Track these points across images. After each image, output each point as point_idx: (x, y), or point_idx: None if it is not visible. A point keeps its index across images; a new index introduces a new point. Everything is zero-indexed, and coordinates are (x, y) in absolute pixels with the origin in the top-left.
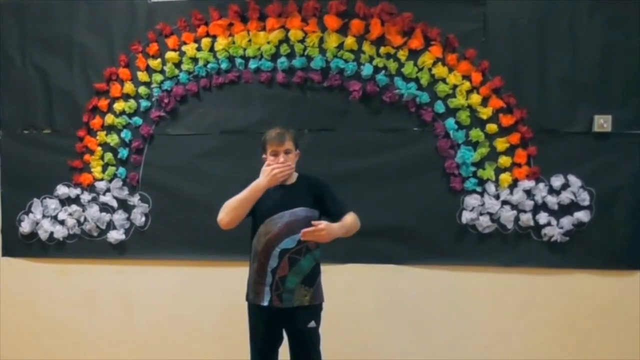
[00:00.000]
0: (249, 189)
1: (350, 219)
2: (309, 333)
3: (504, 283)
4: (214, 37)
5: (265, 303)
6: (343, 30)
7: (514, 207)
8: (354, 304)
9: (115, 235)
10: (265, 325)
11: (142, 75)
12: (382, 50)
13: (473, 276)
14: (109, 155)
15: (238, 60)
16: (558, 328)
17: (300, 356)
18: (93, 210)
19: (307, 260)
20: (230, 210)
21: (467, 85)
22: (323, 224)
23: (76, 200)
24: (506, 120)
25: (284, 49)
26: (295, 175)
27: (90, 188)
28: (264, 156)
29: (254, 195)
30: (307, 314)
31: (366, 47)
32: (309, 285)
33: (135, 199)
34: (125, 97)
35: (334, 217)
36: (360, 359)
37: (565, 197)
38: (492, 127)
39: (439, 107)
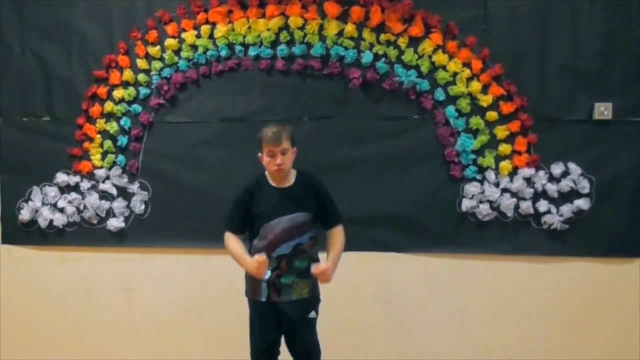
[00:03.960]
0: (239, 259)
1: (339, 246)
2: (309, 324)
3: (504, 271)
4: (214, 24)
5: (263, 299)
6: (343, 17)
7: (513, 195)
8: (352, 292)
9: (114, 223)
10: (265, 319)
11: (141, 63)
12: (382, 37)
13: (472, 264)
14: (108, 143)
15: (237, 48)
16: (558, 316)
17: (301, 348)
18: (92, 198)
19: (302, 262)
20: (229, 253)
21: (467, 72)
22: (328, 270)
23: (76, 188)
24: (506, 107)
25: (284, 36)
26: (293, 174)
27: (90, 176)
28: (259, 155)
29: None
30: (306, 305)
31: (366, 34)
32: (307, 277)
33: (134, 187)
34: (125, 84)
35: (327, 223)
36: (359, 346)
37: (565, 184)
38: (492, 115)
39: (439, 94)
